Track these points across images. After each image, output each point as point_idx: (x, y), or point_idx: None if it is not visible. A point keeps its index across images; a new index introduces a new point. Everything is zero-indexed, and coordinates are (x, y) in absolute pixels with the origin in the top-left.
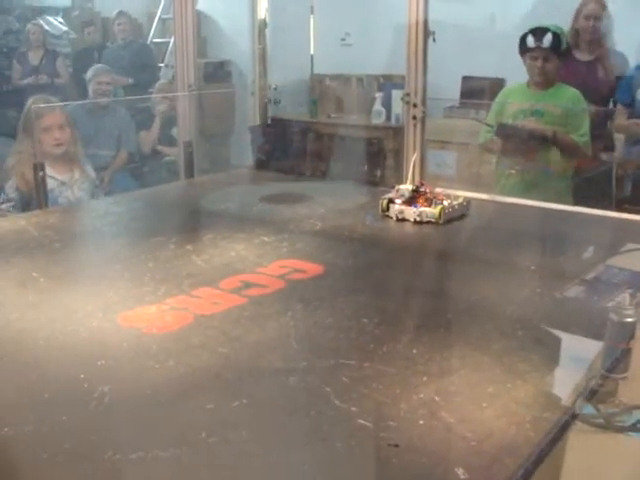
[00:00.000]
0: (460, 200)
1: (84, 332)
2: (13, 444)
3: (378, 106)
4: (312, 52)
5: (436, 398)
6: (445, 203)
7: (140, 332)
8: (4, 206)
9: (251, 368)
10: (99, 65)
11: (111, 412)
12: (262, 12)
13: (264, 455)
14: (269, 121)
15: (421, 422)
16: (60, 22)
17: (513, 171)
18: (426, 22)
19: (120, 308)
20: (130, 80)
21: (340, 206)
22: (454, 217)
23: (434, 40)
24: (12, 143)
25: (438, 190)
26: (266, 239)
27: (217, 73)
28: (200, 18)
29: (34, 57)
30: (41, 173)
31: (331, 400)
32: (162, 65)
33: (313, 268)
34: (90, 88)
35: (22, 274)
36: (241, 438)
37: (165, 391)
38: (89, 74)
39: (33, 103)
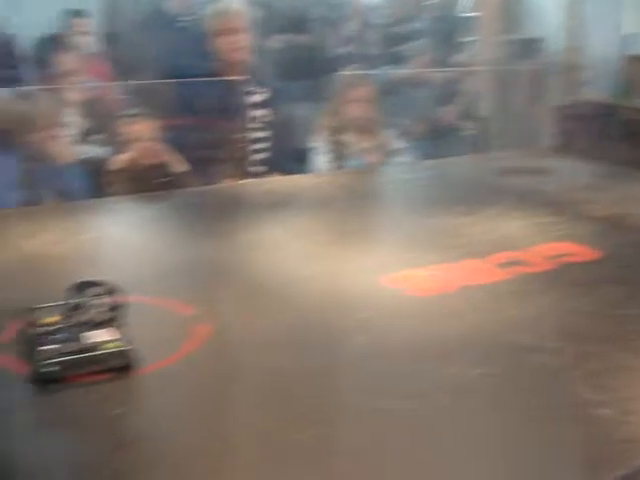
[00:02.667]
0: None
1: (351, 286)
2: (274, 374)
3: None
4: (624, 31)
5: None
6: None
7: (404, 293)
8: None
9: (501, 341)
10: (421, 41)
11: (364, 361)
12: None
13: (495, 426)
14: (575, 102)
15: None
16: None
17: None
18: None
19: (388, 268)
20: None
21: (632, 194)
22: None
23: None
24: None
25: None
26: (543, 220)
27: (525, 50)
28: None
29: (349, 27)
30: (341, 137)
31: (575, 385)
32: (466, 40)
33: (587, 253)
34: (409, 63)
35: (309, 228)
36: (476, 405)
37: (414, 350)
38: (410, 49)
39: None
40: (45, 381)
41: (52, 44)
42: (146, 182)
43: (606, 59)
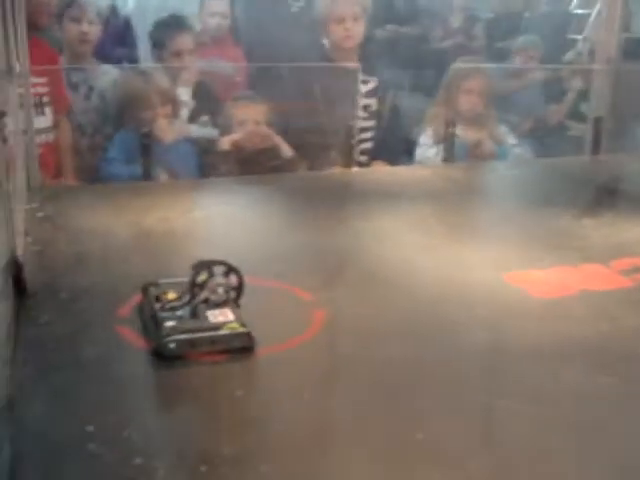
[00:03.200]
0: None
1: (470, 281)
2: (392, 365)
3: None
4: None
5: None
6: None
7: (524, 293)
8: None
9: (625, 350)
10: (530, 37)
11: (483, 358)
12: None
13: (617, 436)
14: None
15: None
16: None
17: None
18: None
19: (508, 266)
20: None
21: None
22: None
23: None
24: (427, 100)
25: None
26: None
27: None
28: None
29: (455, 20)
30: (452, 130)
31: None
32: (580, 37)
33: None
34: (515, 58)
35: (420, 219)
36: (601, 414)
37: (537, 351)
38: (517, 43)
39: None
40: (167, 357)
41: (172, 26)
42: (254, 165)
43: None
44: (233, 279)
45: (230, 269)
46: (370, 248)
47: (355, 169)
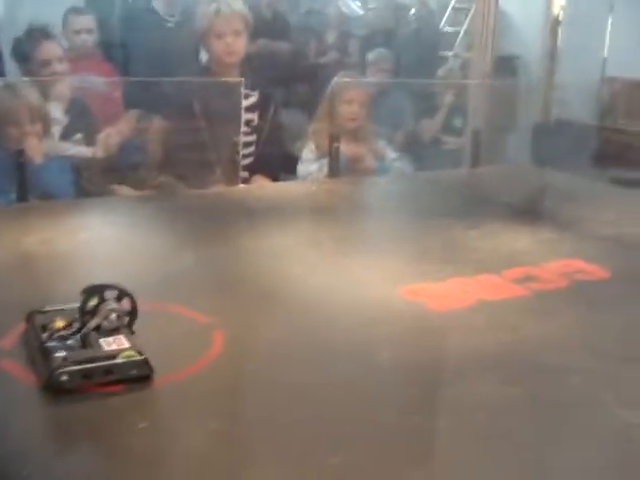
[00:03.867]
0: None
1: (367, 297)
2: (298, 387)
3: None
4: (605, 54)
5: None
6: None
7: (422, 306)
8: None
9: (530, 361)
10: (380, 50)
11: (390, 376)
12: (557, 9)
13: (533, 448)
14: (552, 120)
15: None
16: (357, 5)
17: None
18: None
19: (403, 281)
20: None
21: (626, 212)
22: None
23: None
24: (301, 115)
25: None
26: (550, 236)
27: (502, 68)
28: None
29: (330, 36)
30: (336, 145)
31: (609, 407)
32: (449, 54)
33: (598, 271)
34: (368, 71)
35: (311, 236)
36: (511, 426)
37: (444, 366)
38: (369, 57)
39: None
40: (59, 390)
41: (36, 36)
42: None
43: (586, 79)
44: (126, 304)
45: (122, 293)
46: (262, 266)
47: (241, 186)
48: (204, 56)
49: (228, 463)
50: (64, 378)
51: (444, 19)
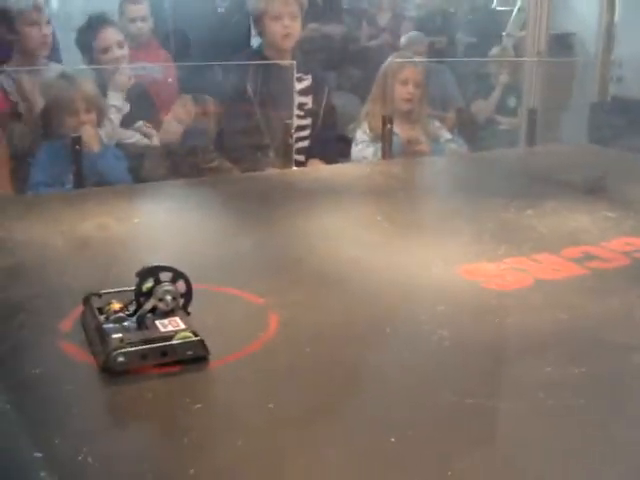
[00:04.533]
0: None
1: (425, 277)
2: (357, 367)
3: None
4: None
5: None
6: None
7: (479, 286)
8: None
9: (592, 339)
10: (413, 33)
11: (449, 356)
12: None
13: (602, 427)
14: (609, 98)
15: None
16: None
17: None
18: None
19: (460, 260)
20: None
21: None
22: None
23: None
24: (353, 98)
25: None
26: (610, 214)
27: (558, 45)
28: None
29: (382, 19)
30: (389, 126)
31: None
32: (503, 34)
33: None
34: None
35: (366, 217)
36: (579, 405)
37: (503, 345)
38: (403, 40)
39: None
40: (116, 372)
41: (96, 23)
42: (186, 166)
43: None
44: (181, 285)
45: (177, 275)
46: (318, 248)
47: (294, 169)
48: (255, 41)
49: (284, 443)
50: (121, 359)
51: None
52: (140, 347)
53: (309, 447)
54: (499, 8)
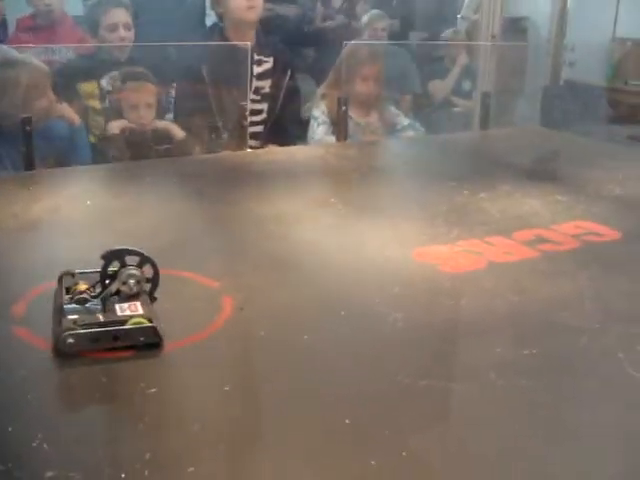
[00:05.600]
0: None
1: (379, 260)
2: (311, 349)
3: None
4: (616, 13)
5: None
6: None
7: (433, 268)
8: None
9: (542, 321)
10: (374, 11)
11: (403, 338)
12: None
13: (552, 407)
14: (562, 82)
15: None
16: None
17: None
18: None
19: (414, 243)
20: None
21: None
22: None
23: None
24: (309, 80)
25: None
26: (561, 198)
27: (511, 29)
28: None
29: (336, 0)
30: (343, 108)
31: (624, 368)
32: (458, 17)
33: (609, 232)
34: (366, 34)
35: (320, 198)
36: (529, 386)
37: (455, 327)
38: (364, 19)
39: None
40: (67, 354)
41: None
42: (145, 148)
43: (596, 41)
44: (147, 270)
45: (144, 259)
46: (273, 231)
47: (248, 150)
48: (209, 20)
49: (240, 427)
50: (70, 341)
51: None
52: (91, 330)
53: (265, 431)
54: None
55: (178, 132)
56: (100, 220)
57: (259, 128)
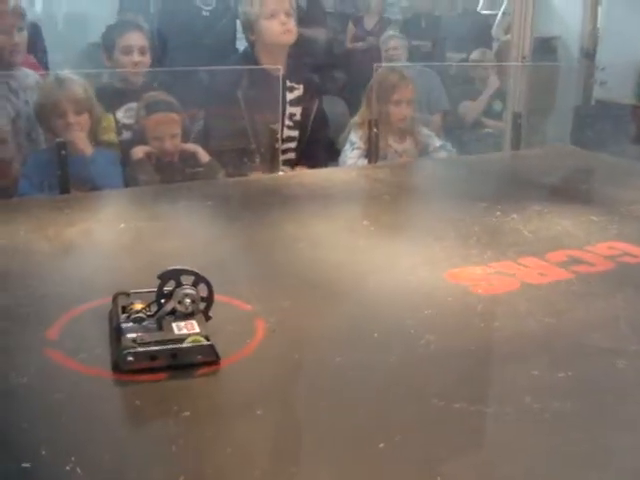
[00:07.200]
0: None
1: (412, 281)
2: (344, 371)
3: None
4: None
5: None
6: None
7: (466, 290)
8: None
9: (576, 343)
10: (390, 32)
11: (436, 360)
12: None
13: (587, 431)
14: (593, 102)
15: None
16: None
17: None
18: None
19: (446, 265)
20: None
21: None
22: None
23: None
24: (339, 102)
25: None
26: (594, 218)
27: (542, 49)
28: None
29: (369, 22)
30: (375, 130)
31: None
32: (489, 37)
33: None
34: (382, 55)
35: (353, 221)
36: (566, 409)
37: (489, 350)
38: (381, 40)
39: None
40: (125, 371)
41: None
42: (173, 172)
43: (628, 60)
44: (202, 289)
45: (198, 278)
46: (307, 253)
47: (280, 173)
48: (241, 45)
49: (273, 451)
50: (130, 359)
51: (480, 1)
52: (150, 348)
53: (299, 453)
54: (484, 11)
55: (203, 155)
56: (134, 243)
57: (292, 155)
